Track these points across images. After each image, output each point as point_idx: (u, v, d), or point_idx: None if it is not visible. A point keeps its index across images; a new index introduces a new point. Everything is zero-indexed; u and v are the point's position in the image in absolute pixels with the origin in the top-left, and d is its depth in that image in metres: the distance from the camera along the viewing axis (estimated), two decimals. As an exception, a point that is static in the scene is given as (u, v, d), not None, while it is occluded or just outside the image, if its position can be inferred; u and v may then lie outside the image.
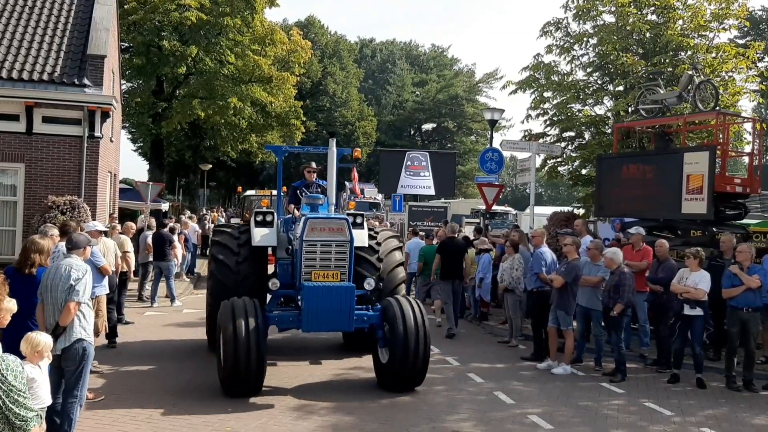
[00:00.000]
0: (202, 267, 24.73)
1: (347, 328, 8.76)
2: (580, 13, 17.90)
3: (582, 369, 10.48)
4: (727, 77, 16.86)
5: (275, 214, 10.43)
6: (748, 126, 16.28)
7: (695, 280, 9.60)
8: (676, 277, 9.87)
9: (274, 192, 20.12)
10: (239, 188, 21.37)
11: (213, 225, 26.91)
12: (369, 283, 9.03)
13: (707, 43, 17.13)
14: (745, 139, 17.28)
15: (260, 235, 10.08)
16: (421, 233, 16.71)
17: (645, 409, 8.40)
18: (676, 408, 8.47)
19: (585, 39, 17.92)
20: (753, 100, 21.97)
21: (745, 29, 33.68)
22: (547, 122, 18.23)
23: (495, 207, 32.23)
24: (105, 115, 16.92)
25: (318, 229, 8.77)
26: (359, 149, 11.73)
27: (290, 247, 9.81)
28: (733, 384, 9.50)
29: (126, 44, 35.29)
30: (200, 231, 24.00)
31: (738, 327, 9.46)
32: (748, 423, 7.97)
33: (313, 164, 11.10)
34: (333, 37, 68.97)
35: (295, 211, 10.27)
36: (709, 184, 12.06)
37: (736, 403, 8.83)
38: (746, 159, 14.31)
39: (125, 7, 31.51)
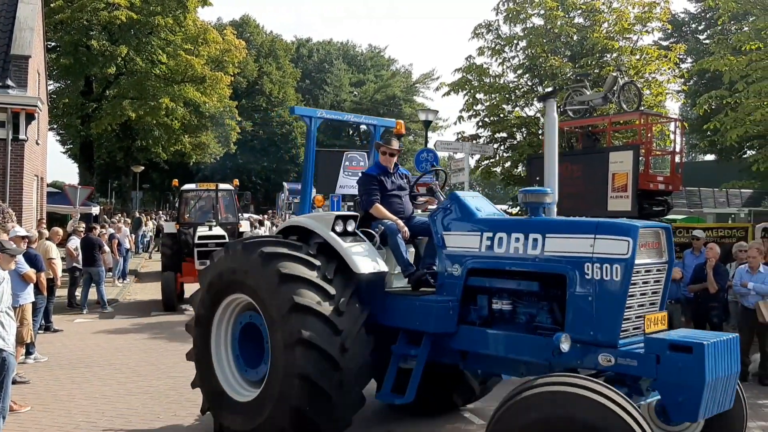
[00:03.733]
0: (139, 266, 24.28)
1: (729, 404, 5.12)
2: (510, 15, 18.24)
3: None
4: (650, 78, 17.47)
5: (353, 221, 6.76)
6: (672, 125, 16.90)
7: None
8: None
9: (223, 186, 18.46)
10: (175, 182, 20.19)
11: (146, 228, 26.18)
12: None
13: (631, 45, 17.71)
14: (668, 138, 17.95)
15: (363, 258, 6.44)
16: None
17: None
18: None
19: (515, 41, 18.28)
20: (677, 101, 22.85)
21: (669, 32, 34.99)
22: (480, 123, 18.54)
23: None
24: (30, 117, 16.42)
25: (649, 245, 5.43)
26: (401, 121, 8.26)
27: (422, 273, 6.66)
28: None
29: (52, 44, 34.24)
30: (133, 235, 23.52)
31: (661, 319, 9.84)
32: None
33: (395, 142, 7.39)
34: (269, 37, 68.39)
35: (382, 210, 6.92)
36: (633, 182, 12.49)
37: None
38: (671, 157, 14.85)
39: (51, 5, 30.56)
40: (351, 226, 6.66)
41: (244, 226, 18.02)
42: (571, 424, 4.33)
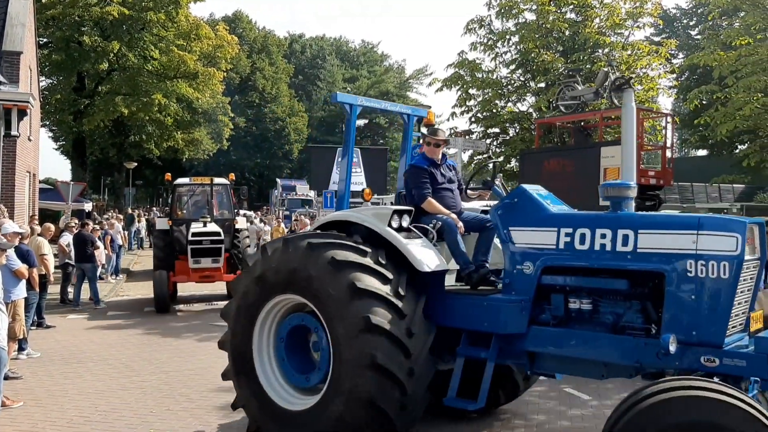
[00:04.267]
0: (131, 264, 24.26)
1: None
2: (502, 11, 18.31)
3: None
4: (641, 74, 17.56)
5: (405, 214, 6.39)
6: (663, 120, 16.99)
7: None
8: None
9: (218, 180, 17.32)
10: (168, 176, 18.45)
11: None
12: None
13: (623, 40, 17.79)
14: (659, 133, 18.04)
15: (427, 256, 6.10)
16: None
17: (564, 395, 8.69)
18: (594, 392, 8.80)
19: (507, 37, 18.35)
20: (668, 96, 22.95)
21: (660, 27, 35.08)
22: (472, 119, 18.60)
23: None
24: (22, 113, 16.35)
25: (749, 241, 5.20)
26: (432, 111, 8.11)
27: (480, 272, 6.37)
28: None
29: (44, 40, 34.13)
30: (126, 232, 23.48)
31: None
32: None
33: (441, 132, 7.05)
34: (261, 32, 68.35)
35: (435, 204, 6.61)
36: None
37: (650, 385, 9.22)
38: (662, 152, 14.92)
39: (43, 1, 30.48)
40: (406, 221, 6.31)
41: (241, 223, 17.11)
42: (713, 431, 4.10)
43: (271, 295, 6.40)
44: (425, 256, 6.04)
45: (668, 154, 14.34)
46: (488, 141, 18.67)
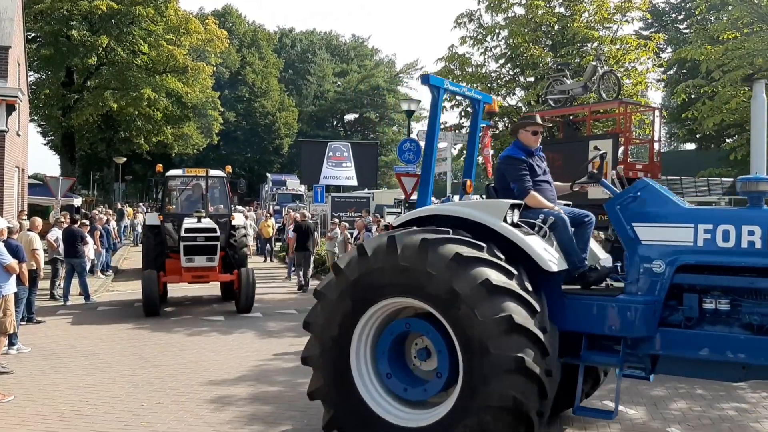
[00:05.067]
0: (120, 261, 24.20)
1: None
2: (491, 5, 18.35)
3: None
4: (630, 68, 17.65)
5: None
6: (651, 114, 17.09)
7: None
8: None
9: (214, 172, 15.91)
10: (159, 167, 16.85)
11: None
12: None
13: (611, 34, 17.88)
14: (647, 126, 18.16)
15: (550, 255, 5.71)
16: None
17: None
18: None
19: (496, 31, 18.40)
20: (657, 90, 23.07)
21: (649, 21, 35.25)
22: (462, 113, 18.65)
23: (415, 196, 32.79)
24: (10, 108, 16.33)
25: None
26: (497, 99, 7.36)
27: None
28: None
29: (32, 34, 33.94)
30: (116, 227, 23.43)
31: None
32: (647, 394, 8.43)
33: (538, 117, 6.62)
34: (251, 27, 68.17)
35: (540, 199, 6.14)
36: (612, 170, 12.63)
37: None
38: (650, 145, 15.03)
39: (31, -5, 30.31)
40: (515, 216, 5.82)
41: (238, 219, 15.77)
42: None
43: (375, 299, 5.77)
44: (549, 254, 5.62)
45: (656, 147, 14.44)
46: (478, 135, 18.72)
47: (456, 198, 7.54)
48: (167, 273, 14.40)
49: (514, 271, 5.39)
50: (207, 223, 14.23)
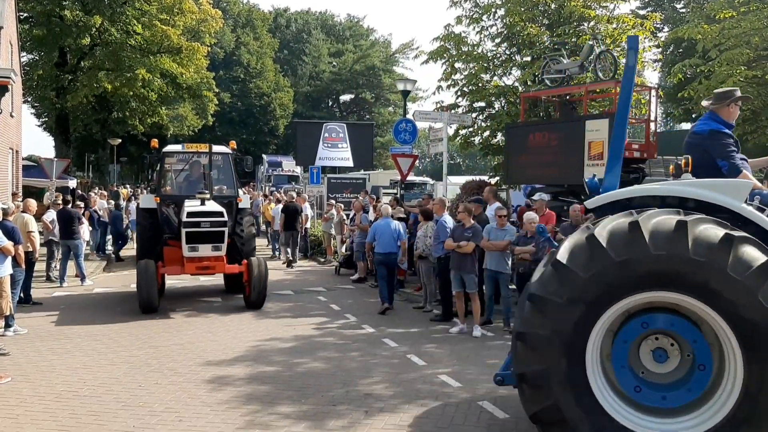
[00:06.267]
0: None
1: None
2: (488, -17, 18.16)
3: (491, 330, 10.91)
4: (626, 47, 17.55)
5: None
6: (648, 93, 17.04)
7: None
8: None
9: (218, 149, 14.18)
10: (154, 142, 15.37)
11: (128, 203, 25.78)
12: None
13: (608, 14, 17.74)
14: (644, 106, 18.12)
15: None
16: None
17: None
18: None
19: (493, 10, 18.23)
20: (654, 70, 22.99)
21: (645, 0, 35.05)
22: (458, 93, 18.54)
23: (413, 177, 32.74)
24: (3, 89, 16.23)
25: None
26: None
27: None
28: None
29: (25, 14, 33.61)
30: (111, 208, 23.30)
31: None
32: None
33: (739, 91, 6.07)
34: (245, 6, 67.63)
35: (753, 179, 5.70)
36: (609, 149, 12.60)
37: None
38: (646, 125, 14.99)
39: (22, -26, 29.98)
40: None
41: (245, 201, 14.13)
42: None
43: (615, 299, 4.94)
44: None
45: (652, 127, 14.40)
46: (474, 115, 18.64)
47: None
48: (166, 263, 12.82)
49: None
50: (212, 206, 12.57)
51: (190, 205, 12.51)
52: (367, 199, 18.39)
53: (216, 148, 14.03)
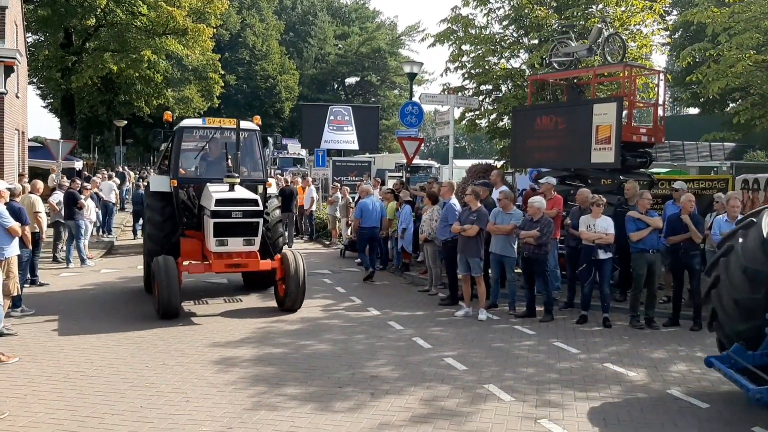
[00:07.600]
0: (116, 236, 24.13)
1: None
2: (496, -35, 17.98)
3: (497, 313, 10.93)
4: (635, 30, 17.39)
5: None
6: (656, 77, 16.92)
7: (604, 226, 10.17)
8: (581, 225, 10.42)
9: (246, 125, 11.91)
10: (167, 115, 12.45)
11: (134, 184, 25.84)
12: None
13: (617, -4, 17.57)
14: (652, 90, 18.00)
15: None
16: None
17: (553, 348, 8.88)
18: (583, 346, 8.98)
19: (500, -8, 18.07)
20: (662, 53, 22.79)
21: (656, -17, 34.65)
22: (465, 75, 18.42)
23: (419, 161, 32.66)
24: (9, 70, 16.19)
25: None
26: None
27: None
28: (637, 323, 10.12)
29: (29, -6, 33.51)
30: (117, 190, 23.33)
31: (645, 269, 10.05)
32: (647, 357, 8.54)
33: None
34: (251, -12, 67.11)
35: None
36: (616, 134, 12.53)
37: (638, 339, 9.42)
38: (654, 109, 14.90)
39: (27, -46, 29.82)
40: None
41: (273, 186, 12.66)
42: None
43: None
44: None
45: (660, 111, 14.31)
46: (481, 98, 18.55)
47: None
48: (183, 257, 11.13)
49: None
50: (243, 192, 10.72)
51: (217, 191, 10.57)
52: (370, 182, 18.44)
53: (244, 124, 11.73)
